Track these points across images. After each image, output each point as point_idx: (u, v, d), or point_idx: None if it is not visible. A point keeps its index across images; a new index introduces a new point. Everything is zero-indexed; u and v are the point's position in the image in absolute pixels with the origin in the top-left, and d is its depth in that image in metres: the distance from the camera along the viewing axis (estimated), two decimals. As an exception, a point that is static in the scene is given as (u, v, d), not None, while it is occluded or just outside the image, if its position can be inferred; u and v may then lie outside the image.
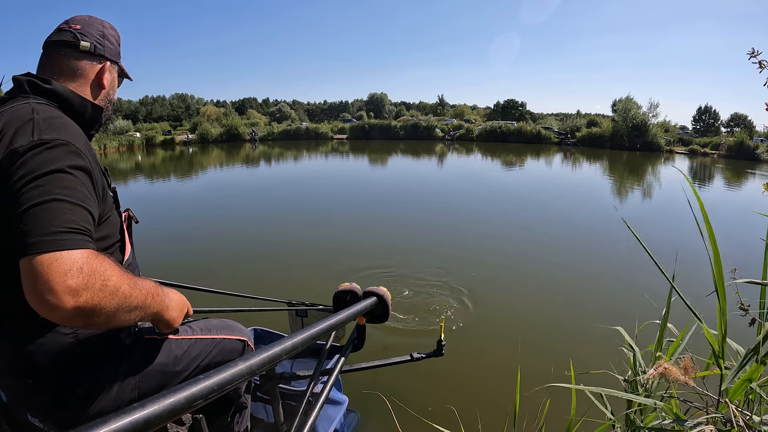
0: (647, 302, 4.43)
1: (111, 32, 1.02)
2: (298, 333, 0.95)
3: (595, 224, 7.59)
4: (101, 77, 0.97)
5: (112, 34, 1.02)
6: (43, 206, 0.69)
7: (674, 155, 27.01)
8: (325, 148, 27.64)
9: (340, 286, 1.84)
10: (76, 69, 0.94)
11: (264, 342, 2.11)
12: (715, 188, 13.95)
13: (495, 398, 2.53)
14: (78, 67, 0.94)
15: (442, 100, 61.52)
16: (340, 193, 11.10)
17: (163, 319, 0.90)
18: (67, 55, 0.93)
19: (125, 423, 0.49)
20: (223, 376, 0.69)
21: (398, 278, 4.56)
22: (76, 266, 0.66)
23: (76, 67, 0.94)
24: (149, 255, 5.28)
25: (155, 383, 0.97)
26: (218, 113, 41.86)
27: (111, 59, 1.00)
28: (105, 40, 0.98)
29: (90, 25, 0.98)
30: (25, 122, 0.77)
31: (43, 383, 0.85)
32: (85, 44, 0.94)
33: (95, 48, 0.96)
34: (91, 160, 0.81)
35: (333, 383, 1.32)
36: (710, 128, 41.87)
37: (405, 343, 3.11)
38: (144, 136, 30.80)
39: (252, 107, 55.18)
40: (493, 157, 22.45)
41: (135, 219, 1.10)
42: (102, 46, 0.97)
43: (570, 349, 3.15)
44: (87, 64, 0.95)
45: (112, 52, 1.00)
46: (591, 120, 36.76)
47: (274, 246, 6.06)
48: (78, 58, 0.94)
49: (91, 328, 0.84)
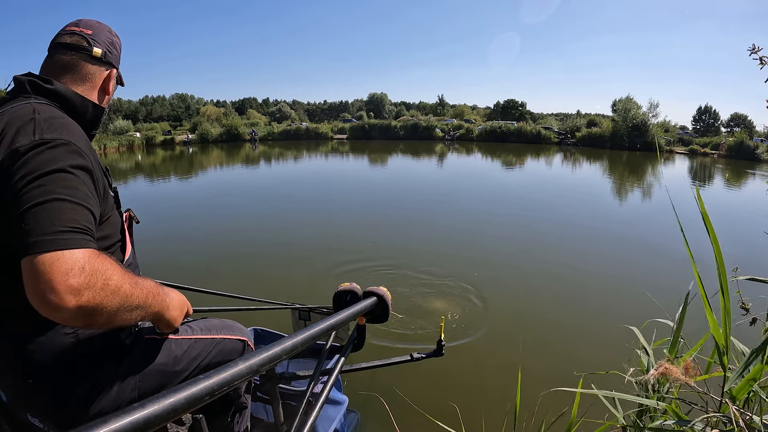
0: (646, 303, 4.43)
1: (116, 39, 1.05)
2: (298, 333, 0.95)
3: (596, 224, 7.59)
4: (108, 83, 1.00)
5: (117, 42, 1.04)
6: (44, 206, 0.69)
7: (674, 155, 27.01)
8: (325, 148, 27.65)
9: (340, 286, 1.84)
10: (86, 73, 0.96)
11: (264, 342, 2.11)
12: (716, 188, 13.95)
13: (496, 398, 2.53)
14: (89, 72, 0.96)
15: (442, 100, 61.54)
16: (340, 193, 11.11)
17: (163, 319, 0.90)
18: (79, 58, 0.95)
19: (125, 423, 0.49)
20: (223, 376, 0.69)
21: (398, 278, 4.56)
22: (78, 265, 0.66)
23: (86, 71, 0.95)
24: (149, 254, 5.28)
25: (155, 383, 0.97)
26: (218, 113, 41.86)
27: (116, 66, 1.03)
28: (113, 47, 1.01)
29: (101, 31, 1.00)
30: (27, 122, 0.77)
31: (43, 383, 0.85)
32: (97, 50, 0.96)
33: (105, 55, 0.98)
34: (92, 160, 0.81)
35: (333, 383, 1.32)
36: (710, 128, 41.87)
37: (405, 343, 3.11)
38: (144, 136, 30.79)
39: (252, 107, 55.17)
40: (493, 157, 22.46)
41: (136, 219, 1.11)
42: (110, 53, 1.00)
43: (571, 349, 3.15)
44: (97, 69, 0.97)
45: (116, 59, 1.03)
46: (591, 120, 36.76)
47: (274, 245, 6.06)
48: (90, 62, 0.96)
49: (93, 328, 0.84)
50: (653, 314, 1.49)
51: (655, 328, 1.41)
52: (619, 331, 1.54)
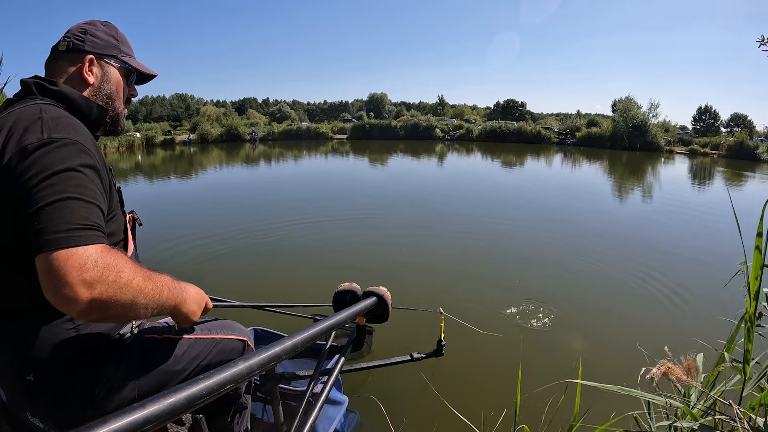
0: (647, 302, 4.40)
1: (101, 28, 1.03)
2: (298, 333, 0.95)
3: (598, 225, 7.58)
4: (82, 71, 0.98)
5: (101, 30, 1.02)
6: (56, 205, 0.71)
7: (674, 155, 27.01)
8: (325, 148, 27.64)
9: (340, 286, 1.84)
10: (56, 68, 0.97)
11: (264, 342, 2.11)
12: (716, 187, 13.95)
13: (497, 398, 2.52)
14: (57, 66, 0.97)
15: (442, 100, 61.58)
16: (339, 193, 11.09)
17: (181, 313, 0.92)
18: (51, 57, 0.98)
19: (125, 423, 0.49)
20: (223, 376, 0.69)
21: (399, 277, 4.55)
22: (91, 260, 0.69)
23: (56, 66, 0.97)
24: (150, 254, 5.27)
25: (155, 383, 0.97)
26: (218, 113, 41.89)
27: (95, 53, 0.99)
28: (87, 36, 0.99)
29: (76, 27, 1.01)
30: (34, 121, 0.79)
31: (43, 381, 0.86)
32: (62, 44, 0.98)
33: (73, 45, 0.97)
34: (98, 159, 0.83)
35: (333, 383, 1.32)
36: (710, 128, 41.89)
37: (405, 343, 3.10)
38: (144, 136, 30.75)
39: (252, 107, 55.23)
40: (493, 157, 22.46)
41: (139, 221, 1.12)
42: (81, 42, 0.98)
43: (573, 349, 3.15)
44: (64, 62, 0.97)
45: (96, 46, 1.00)
46: (591, 120, 36.79)
47: (276, 245, 6.05)
48: (58, 57, 0.98)
49: (107, 321, 0.85)
50: (656, 315, 1.48)
51: (655, 327, 1.41)
52: (625, 333, 1.53)
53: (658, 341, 2.62)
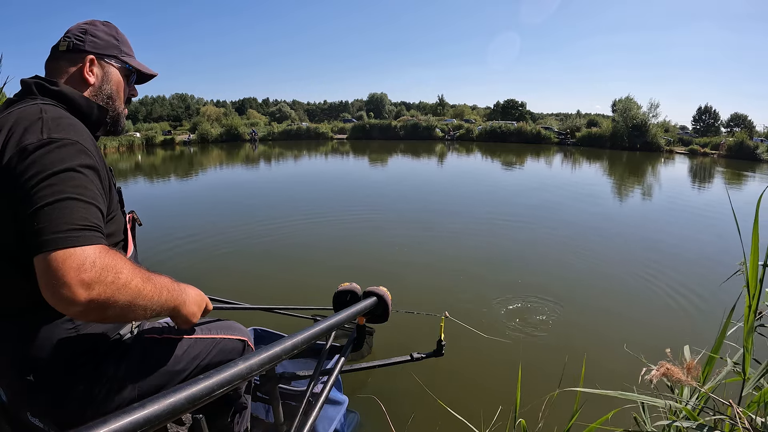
0: (647, 302, 4.40)
1: (101, 28, 1.03)
2: (298, 333, 0.95)
3: (598, 225, 7.58)
4: (82, 71, 0.97)
5: (101, 30, 1.02)
6: (56, 205, 0.71)
7: (674, 155, 27.00)
8: (325, 149, 27.63)
9: (340, 286, 1.83)
10: (57, 68, 0.97)
11: (264, 342, 2.11)
12: (716, 188, 13.95)
13: (497, 398, 2.52)
14: (58, 66, 0.97)
15: (442, 100, 61.57)
16: (339, 194, 11.08)
17: (180, 315, 0.92)
18: (52, 57, 0.98)
19: (125, 423, 0.49)
20: (223, 376, 0.69)
21: (399, 277, 4.55)
22: (89, 261, 0.69)
23: (56, 66, 0.97)
24: (150, 254, 5.27)
25: (155, 383, 0.97)
26: (218, 113, 41.88)
27: (96, 53, 0.99)
28: (87, 36, 0.99)
29: (76, 27, 1.01)
30: (34, 121, 0.79)
31: (43, 381, 0.86)
32: (63, 44, 0.97)
33: (73, 45, 0.97)
34: (98, 159, 0.83)
35: (333, 383, 1.32)
36: (710, 128, 41.86)
37: (405, 343, 3.10)
38: (144, 136, 30.75)
39: (252, 107, 55.23)
40: (493, 157, 22.45)
41: (139, 221, 1.12)
42: (82, 42, 0.98)
43: (574, 349, 3.14)
44: (65, 62, 0.97)
45: (96, 46, 1.00)
46: (591, 120, 36.78)
47: (276, 245, 6.05)
48: (58, 57, 0.97)
49: (106, 322, 0.86)
50: (654, 315, 1.48)
51: (655, 327, 1.41)
52: (622, 332, 1.53)
53: (658, 341, 2.62)
